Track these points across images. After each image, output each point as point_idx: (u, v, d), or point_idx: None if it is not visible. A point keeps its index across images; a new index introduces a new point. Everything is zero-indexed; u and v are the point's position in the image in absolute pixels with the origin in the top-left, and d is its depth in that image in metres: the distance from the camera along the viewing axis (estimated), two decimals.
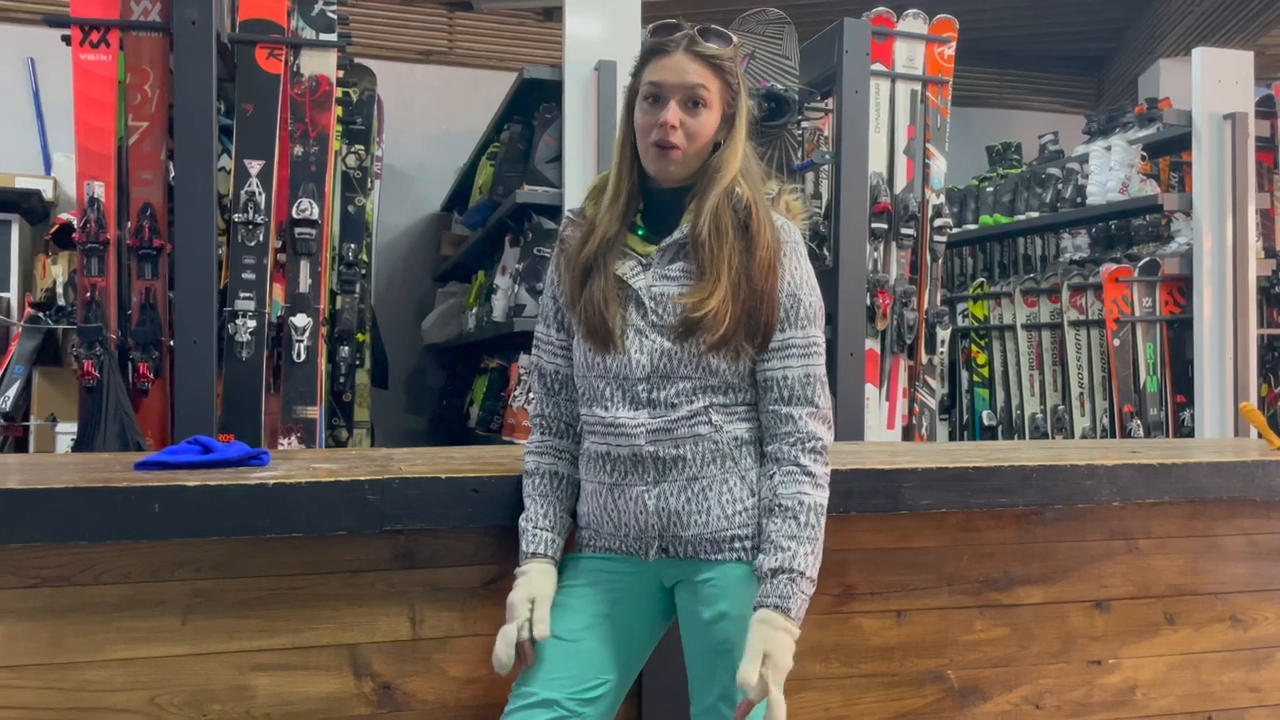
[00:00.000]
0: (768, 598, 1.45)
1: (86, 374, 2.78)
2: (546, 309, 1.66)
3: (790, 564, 1.45)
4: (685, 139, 1.51)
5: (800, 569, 1.45)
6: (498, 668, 1.51)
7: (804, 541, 1.47)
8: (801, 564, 1.46)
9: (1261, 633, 2.17)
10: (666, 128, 1.49)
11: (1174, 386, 4.50)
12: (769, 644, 1.42)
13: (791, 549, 1.46)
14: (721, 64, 1.52)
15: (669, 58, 1.51)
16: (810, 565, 1.47)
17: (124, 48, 2.88)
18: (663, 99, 1.51)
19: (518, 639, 1.51)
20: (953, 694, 1.98)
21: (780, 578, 1.45)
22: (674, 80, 1.50)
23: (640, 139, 1.53)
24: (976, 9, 6.39)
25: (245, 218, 2.98)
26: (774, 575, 1.45)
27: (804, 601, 1.46)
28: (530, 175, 3.67)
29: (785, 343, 1.53)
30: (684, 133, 1.50)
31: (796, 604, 1.44)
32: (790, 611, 1.44)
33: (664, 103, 1.50)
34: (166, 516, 1.53)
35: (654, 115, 1.51)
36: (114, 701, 1.60)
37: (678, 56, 1.51)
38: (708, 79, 1.51)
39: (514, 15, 6.54)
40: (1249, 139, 4.35)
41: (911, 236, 3.58)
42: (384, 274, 6.01)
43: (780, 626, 1.43)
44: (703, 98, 1.51)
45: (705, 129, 1.52)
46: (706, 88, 1.51)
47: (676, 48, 1.51)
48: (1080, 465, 1.94)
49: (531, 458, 1.64)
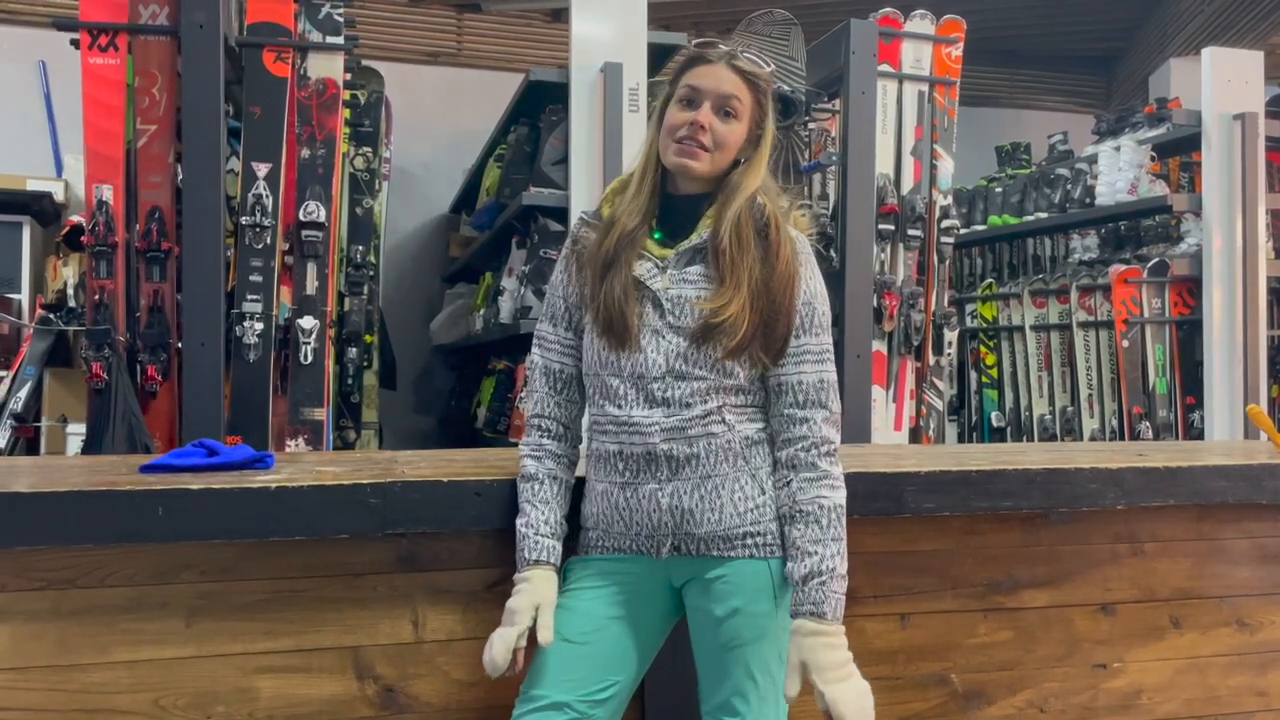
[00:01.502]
0: (801, 606, 1.49)
1: (95, 376, 2.80)
2: (554, 308, 1.67)
3: (819, 567, 1.49)
4: (712, 143, 1.55)
5: (830, 569, 1.50)
6: (490, 671, 1.52)
7: (828, 543, 1.51)
8: (830, 564, 1.50)
9: (1268, 636, 2.16)
10: (697, 125, 1.54)
11: (1183, 388, 4.48)
12: (804, 654, 1.47)
13: (818, 553, 1.50)
14: (757, 82, 1.59)
15: (709, 66, 1.57)
16: (839, 563, 1.51)
17: (132, 51, 2.89)
18: (697, 102, 1.56)
19: (516, 645, 1.52)
20: (956, 697, 1.98)
21: (811, 583, 1.49)
22: (711, 86, 1.56)
23: (666, 135, 1.58)
24: (986, 9, 6.37)
25: (253, 220, 2.99)
26: (805, 582, 1.50)
27: (839, 599, 1.50)
28: (536, 177, 3.68)
29: (800, 349, 1.56)
30: (712, 137, 1.55)
31: (831, 605, 1.49)
32: (826, 615, 1.48)
33: (698, 105, 1.56)
34: (171, 520, 1.54)
35: (687, 114, 1.55)
36: (119, 703, 1.61)
37: (718, 67, 1.57)
38: (742, 92, 1.57)
39: (522, 16, 6.55)
40: (1259, 139, 4.32)
41: (918, 237, 3.57)
42: (392, 275, 6.02)
43: (812, 632, 1.47)
44: (735, 109, 1.56)
45: (732, 139, 1.57)
46: (740, 100, 1.57)
47: (718, 59, 1.58)
48: (1085, 468, 1.94)
49: (531, 462, 1.64)
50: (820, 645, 1.47)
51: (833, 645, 1.47)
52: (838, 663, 1.47)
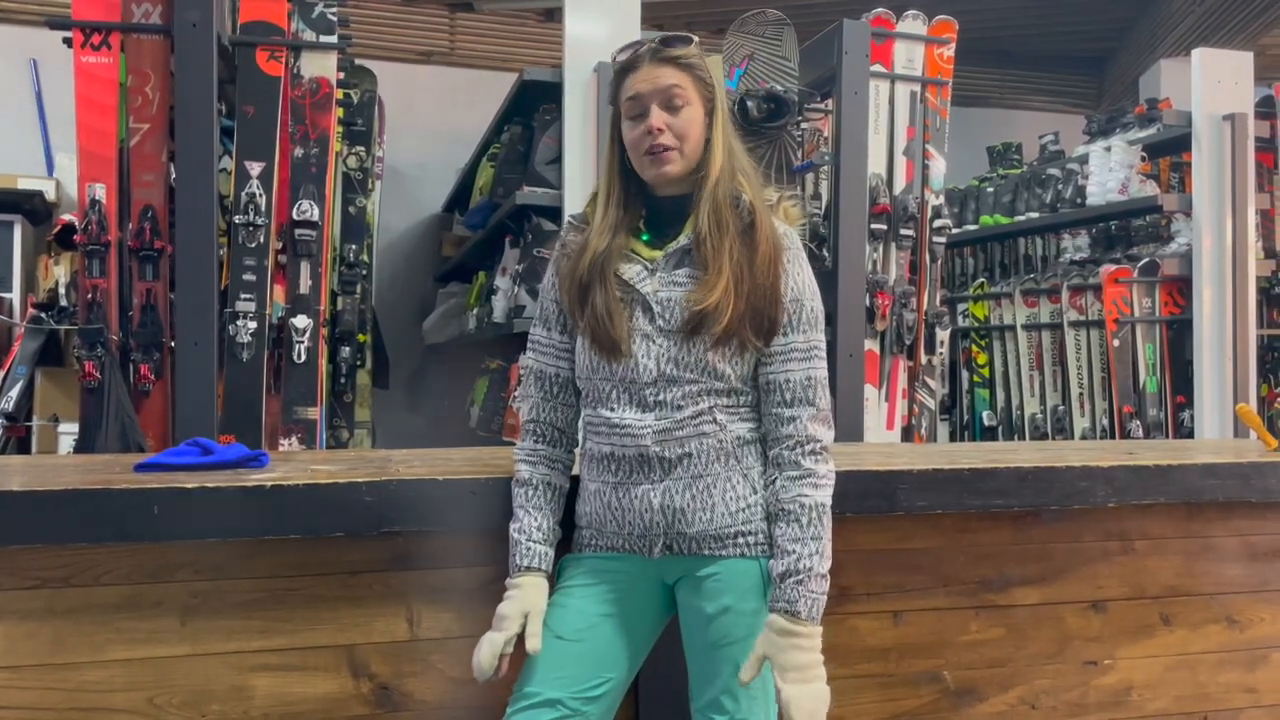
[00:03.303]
0: (776, 603, 1.50)
1: (88, 375, 2.79)
2: (547, 311, 1.67)
3: (796, 566, 1.50)
4: (675, 138, 1.55)
5: (806, 568, 1.50)
6: (478, 675, 1.53)
7: (807, 542, 1.51)
8: (807, 564, 1.50)
9: (1257, 633, 2.17)
10: (655, 132, 1.54)
11: (1174, 387, 4.50)
12: (771, 649, 1.48)
13: (796, 551, 1.51)
14: (690, 62, 1.58)
15: (639, 70, 1.57)
16: (817, 563, 1.51)
17: (125, 50, 2.88)
18: (644, 109, 1.56)
19: (504, 651, 1.53)
20: (949, 694, 1.99)
21: (788, 581, 1.50)
22: (649, 88, 1.56)
23: (633, 153, 1.58)
24: (978, 9, 6.39)
25: (246, 219, 2.99)
26: (782, 580, 1.51)
27: (814, 599, 1.50)
28: (530, 177, 3.68)
29: (787, 346, 1.57)
30: (672, 133, 1.55)
31: (805, 604, 1.49)
32: (800, 614, 1.48)
33: (646, 112, 1.56)
34: (165, 518, 1.55)
35: (640, 126, 1.56)
36: (114, 702, 1.61)
37: (646, 67, 1.57)
38: (680, 79, 1.56)
39: (515, 16, 6.55)
40: (1248, 139, 4.35)
41: (911, 237, 3.58)
42: (385, 274, 6.02)
43: (784, 631, 1.48)
44: (680, 96, 1.56)
45: (692, 125, 1.57)
46: (681, 87, 1.56)
47: (643, 60, 1.57)
48: (1076, 467, 1.95)
49: (525, 467, 1.64)
50: (789, 646, 1.47)
51: (801, 647, 1.47)
52: (802, 665, 1.47)
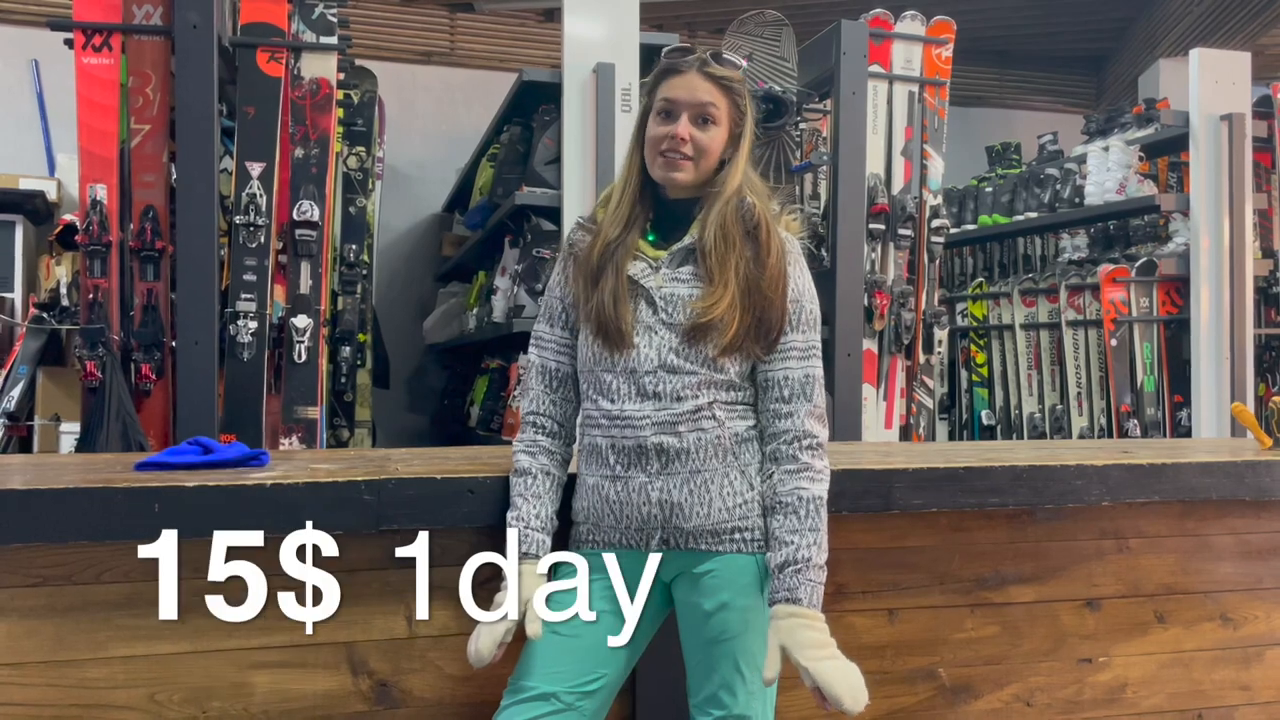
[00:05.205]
0: (777, 593, 1.52)
1: (89, 375, 2.81)
2: (551, 308, 1.70)
3: (795, 556, 1.52)
4: (694, 152, 1.58)
5: (805, 558, 1.52)
6: (475, 662, 1.53)
7: (805, 533, 1.53)
8: (805, 554, 1.52)
9: (1251, 631, 2.18)
10: (677, 139, 1.57)
11: (1171, 386, 4.52)
12: (782, 635, 1.48)
13: (794, 542, 1.52)
14: (731, 86, 1.61)
15: (682, 77, 1.60)
16: (815, 553, 1.53)
17: (126, 51, 2.90)
18: (674, 114, 1.59)
19: (503, 639, 1.54)
20: (944, 692, 2.00)
21: (787, 571, 1.51)
22: (686, 97, 1.58)
23: (649, 150, 1.61)
24: (977, 9, 6.40)
25: (246, 219, 3.00)
26: (781, 570, 1.52)
27: (814, 587, 1.52)
28: (529, 177, 3.69)
29: (786, 345, 1.59)
30: (693, 146, 1.58)
31: (806, 591, 1.50)
32: (801, 601, 1.50)
33: (675, 117, 1.58)
34: (166, 516, 1.55)
35: (666, 128, 1.58)
36: (115, 699, 1.62)
37: (691, 76, 1.59)
38: (718, 98, 1.59)
39: (515, 16, 6.56)
40: (1246, 139, 4.36)
41: (909, 237, 3.60)
42: (385, 274, 6.03)
43: (789, 614, 1.49)
44: (712, 115, 1.59)
45: (714, 145, 1.60)
46: (716, 106, 1.59)
47: (690, 68, 1.60)
48: (1071, 465, 1.96)
49: (524, 457, 1.66)
50: (798, 625, 1.48)
51: (811, 626, 1.49)
52: (818, 642, 1.48)
